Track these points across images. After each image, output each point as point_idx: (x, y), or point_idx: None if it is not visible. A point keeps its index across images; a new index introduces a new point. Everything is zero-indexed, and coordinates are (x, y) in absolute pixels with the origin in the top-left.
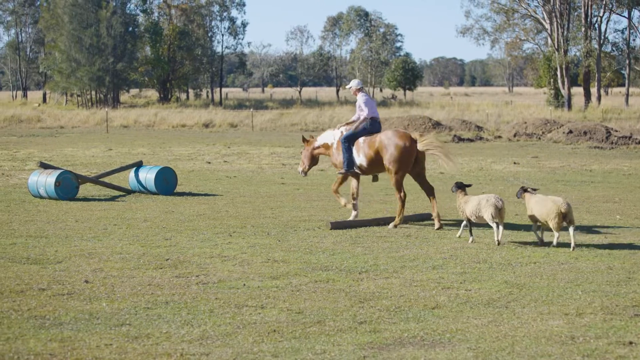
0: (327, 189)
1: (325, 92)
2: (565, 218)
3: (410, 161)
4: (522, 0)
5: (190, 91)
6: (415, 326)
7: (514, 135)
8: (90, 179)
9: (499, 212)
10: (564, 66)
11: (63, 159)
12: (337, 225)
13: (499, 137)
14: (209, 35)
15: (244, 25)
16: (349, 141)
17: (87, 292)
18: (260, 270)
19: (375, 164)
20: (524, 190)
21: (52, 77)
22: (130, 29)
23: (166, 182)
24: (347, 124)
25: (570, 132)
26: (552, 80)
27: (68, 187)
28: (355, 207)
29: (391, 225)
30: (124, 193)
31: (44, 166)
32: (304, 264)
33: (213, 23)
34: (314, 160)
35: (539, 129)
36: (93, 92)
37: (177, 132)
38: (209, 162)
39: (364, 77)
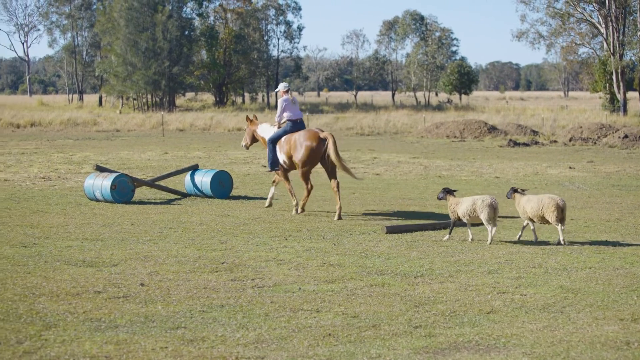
0: (383, 193)
1: (381, 96)
2: (562, 213)
3: (317, 158)
4: (578, 5)
5: (246, 95)
6: (471, 331)
7: (570, 140)
8: (146, 182)
9: (495, 212)
10: (619, 70)
11: (119, 162)
12: (392, 230)
13: (555, 141)
14: (265, 39)
15: (299, 29)
16: (272, 143)
17: (142, 295)
18: (315, 274)
19: (292, 161)
20: (514, 190)
21: (108, 81)
22: (186, 32)
23: (222, 185)
24: (279, 123)
25: (626, 136)
26: (607, 84)
27: (124, 190)
28: (292, 195)
29: (294, 211)
30: (179, 196)
31: (100, 169)
32: (359, 268)
33: (269, 27)
34: (254, 139)
35: (595, 134)
36: (149, 96)
37: (232, 135)
38: (264, 166)
39: (419, 81)
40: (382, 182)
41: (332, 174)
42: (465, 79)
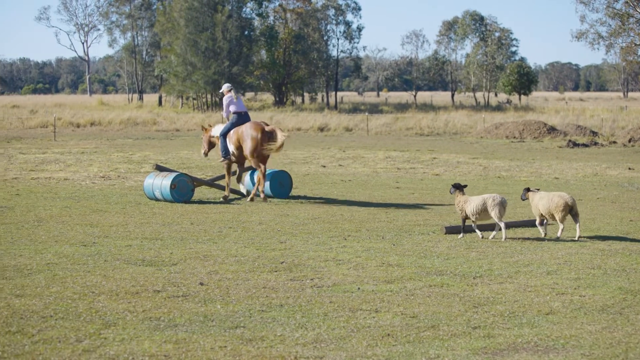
0: (442, 194)
1: (440, 97)
2: (571, 211)
3: (261, 148)
4: (638, 5)
5: (306, 95)
6: (529, 332)
7: (629, 141)
8: (205, 181)
9: (505, 211)
10: None
11: (179, 161)
12: (451, 230)
13: (614, 142)
14: (325, 39)
15: (359, 29)
16: (223, 136)
17: (201, 295)
18: (374, 274)
19: (241, 151)
20: (528, 190)
21: (167, 80)
22: (246, 32)
23: (281, 185)
24: (227, 119)
25: None
26: None
27: (184, 189)
28: (227, 187)
29: (222, 198)
30: (239, 196)
31: (160, 169)
32: (418, 268)
33: (329, 27)
34: (211, 144)
35: None
36: (208, 96)
37: (292, 135)
38: (324, 166)
39: (479, 81)
40: (442, 183)
41: (264, 161)
42: (525, 80)
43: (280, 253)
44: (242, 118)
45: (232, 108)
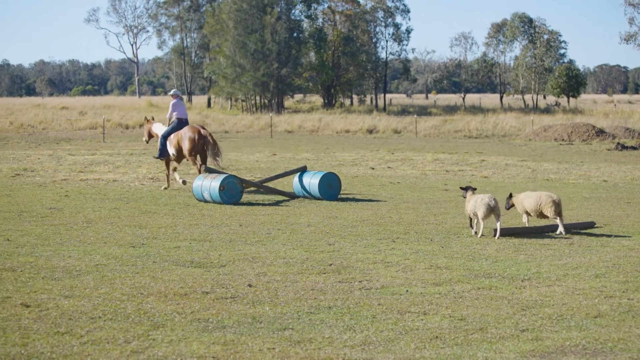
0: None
1: (489, 99)
2: (558, 207)
3: (198, 146)
4: None
5: (355, 97)
6: (577, 335)
7: None
8: (254, 183)
9: (492, 210)
10: None
11: (227, 163)
12: (500, 233)
13: None
14: (374, 41)
15: (408, 31)
16: (164, 138)
17: (250, 296)
18: (423, 277)
19: (180, 152)
20: (510, 196)
21: (216, 82)
22: (295, 34)
23: (330, 187)
24: (169, 122)
25: None
26: None
27: (232, 191)
28: (170, 178)
29: (163, 187)
30: (287, 198)
31: (209, 170)
32: (466, 271)
33: (377, 29)
34: (150, 135)
35: None
36: (257, 97)
37: (341, 137)
38: (373, 168)
39: (527, 83)
40: (490, 185)
41: (204, 161)
42: (573, 82)
43: (328, 255)
44: (182, 124)
45: (176, 114)
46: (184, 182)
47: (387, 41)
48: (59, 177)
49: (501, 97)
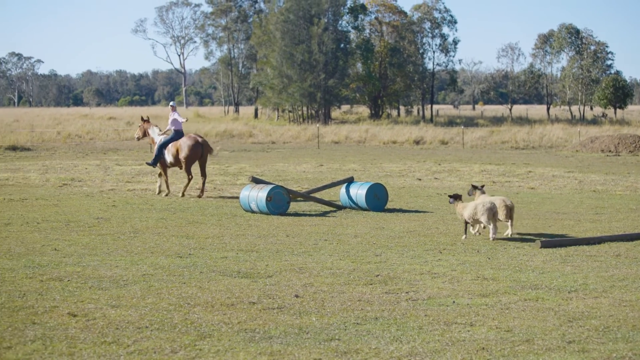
0: (538, 207)
1: (536, 110)
2: (510, 212)
3: (196, 155)
4: None
5: (401, 108)
6: (624, 347)
7: None
8: (301, 194)
9: (494, 215)
10: None
11: (274, 174)
12: (547, 244)
13: None
14: (421, 52)
15: (455, 42)
16: (162, 147)
17: (297, 307)
18: (469, 288)
19: (178, 160)
20: (474, 187)
21: (263, 93)
22: (342, 45)
23: (377, 198)
24: (164, 133)
25: None
26: None
27: (279, 202)
28: (162, 181)
29: (180, 193)
30: (334, 209)
31: (256, 181)
32: (513, 282)
33: (424, 40)
34: (145, 134)
35: None
36: (304, 108)
37: (387, 148)
38: (420, 179)
39: (574, 94)
40: (537, 196)
41: (203, 172)
42: (620, 93)
43: (375, 266)
44: (178, 134)
45: (175, 125)
46: (167, 194)
47: (434, 52)
48: (106, 187)
49: (548, 108)
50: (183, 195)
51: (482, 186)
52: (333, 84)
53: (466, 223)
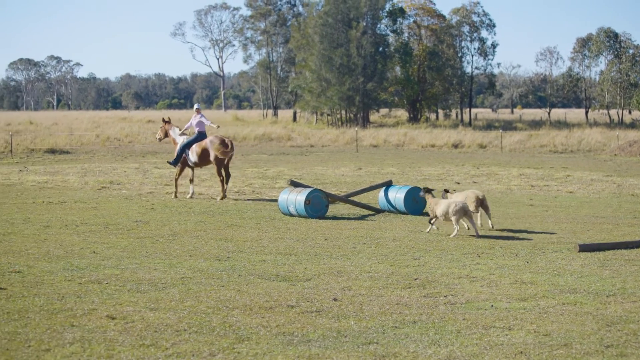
0: (576, 211)
1: (574, 114)
2: (482, 204)
3: (225, 155)
4: None
5: (440, 111)
6: None
7: None
8: (339, 197)
9: (465, 213)
10: None
11: (313, 177)
12: (585, 248)
13: None
14: (459, 55)
15: (493, 46)
16: (185, 147)
17: (335, 310)
18: (508, 292)
19: (202, 159)
20: (446, 191)
21: (302, 96)
22: (381, 49)
23: (415, 201)
24: (183, 133)
25: None
26: None
27: (318, 205)
28: (177, 184)
29: (217, 198)
30: (373, 212)
31: (294, 184)
32: (551, 286)
33: (463, 43)
34: (166, 135)
35: None
36: (343, 112)
37: (426, 152)
38: (458, 183)
39: (612, 98)
40: (575, 200)
41: (227, 172)
42: None
43: (413, 269)
44: (202, 136)
45: (199, 127)
46: (192, 196)
47: (472, 55)
48: (145, 190)
49: (586, 112)
50: (223, 198)
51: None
52: (371, 87)
53: (435, 218)
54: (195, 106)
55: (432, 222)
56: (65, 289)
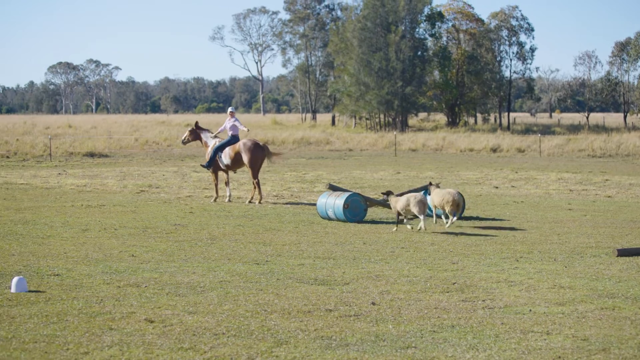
0: (614, 216)
1: (613, 118)
2: (457, 205)
3: (258, 159)
4: None
5: (478, 115)
6: None
7: None
8: (378, 201)
9: (424, 206)
10: None
11: (351, 181)
12: (624, 252)
13: None
14: (498, 59)
15: (532, 50)
16: (218, 150)
17: (373, 314)
18: (546, 296)
19: (236, 163)
20: (431, 184)
21: (341, 100)
22: (419, 53)
23: None
24: (215, 136)
25: None
26: None
27: (356, 209)
28: (218, 188)
29: (256, 201)
30: (411, 216)
31: (333, 188)
32: (590, 291)
33: (501, 48)
34: (196, 139)
35: None
36: (381, 116)
37: (464, 156)
38: (497, 187)
39: None
40: (614, 205)
41: (256, 174)
42: None
43: (452, 274)
44: (235, 139)
45: (233, 130)
46: (230, 200)
47: (511, 60)
48: (183, 193)
49: (625, 117)
50: (260, 202)
51: (438, 184)
52: (410, 91)
53: (398, 215)
54: (229, 109)
55: (398, 221)
56: (104, 292)
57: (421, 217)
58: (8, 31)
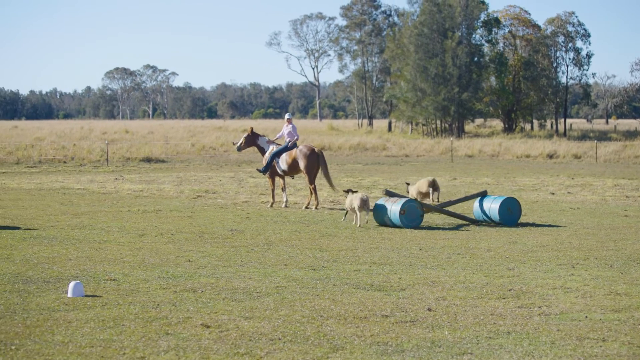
0: None
1: None
2: (433, 185)
3: (315, 165)
4: None
5: (535, 121)
6: None
7: None
8: (434, 207)
9: (365, 203)
10: None
11: (404, 187)
12: None
13: None
14: (554, 65)
15: (588, 56)
16: (275, 155)
17: (429, 320)
18: (602, 303)
19: (292, 168)
20: (407, 184)
21: (397, 106)
22: (476, 59)
23: (510, 212)
24: (273, 142)
25: None
26: None
27: (413, 215)
28: (275, 194)
29: (312, 207)
30: (468, 222)
31: (390, 194)
32: None
33: (558, 54)
34: (252, 145)
35: None
36: (438, 122)
37: (521, 162)
38: (553, 193)
39: None
40: None
41: (313, 180)
42: None
43: (508, 280)
44: (292, 145)
45: (290, 137)
46: (286, 205)
47: (567, 66)
48: (240, 199)
49: None
50: (317, 208)
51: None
52: (467, 97)
53: (347, 212)
54: (287, 116)
55: (346, 215)
56: (161, 297)
57: (359, 213)
58: (66, 37)
